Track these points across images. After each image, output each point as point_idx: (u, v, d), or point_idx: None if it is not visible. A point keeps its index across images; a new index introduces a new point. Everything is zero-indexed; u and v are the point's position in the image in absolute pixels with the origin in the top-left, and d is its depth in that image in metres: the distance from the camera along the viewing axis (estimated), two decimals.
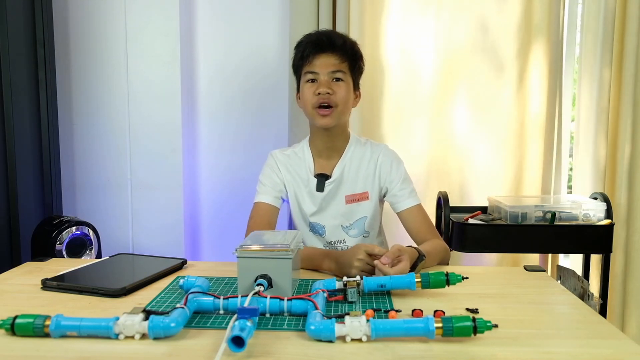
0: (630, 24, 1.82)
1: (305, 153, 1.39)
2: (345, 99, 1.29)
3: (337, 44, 1.30)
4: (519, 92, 1.94)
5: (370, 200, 1.37)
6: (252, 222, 1.33)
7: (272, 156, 1.41)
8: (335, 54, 1.29)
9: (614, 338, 0.77)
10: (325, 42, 1.29)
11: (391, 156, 1.39)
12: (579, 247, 1.72)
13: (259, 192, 1.37)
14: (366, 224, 1.37)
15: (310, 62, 1.30)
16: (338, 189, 1.36)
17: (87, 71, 1.84)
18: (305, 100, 1.31)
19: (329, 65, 1.29)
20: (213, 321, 0.83)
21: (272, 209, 1.35)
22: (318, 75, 1.29)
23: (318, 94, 1.27)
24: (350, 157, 1.37)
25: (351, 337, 0.74)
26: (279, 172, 1.38)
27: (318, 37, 1.31)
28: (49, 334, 0.76)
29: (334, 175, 1.35)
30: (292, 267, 0.91)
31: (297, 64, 1.35)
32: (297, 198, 1.38)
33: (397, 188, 1.35)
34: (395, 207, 1.36)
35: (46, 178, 1.68)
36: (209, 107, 1.99)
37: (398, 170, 1.37)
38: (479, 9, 1.91)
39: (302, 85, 1.33)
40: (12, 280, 1.06)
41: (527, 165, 1.97)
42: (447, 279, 0.91)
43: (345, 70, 1.30)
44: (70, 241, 1.52)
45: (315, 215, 1.37)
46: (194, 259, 1.72)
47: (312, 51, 1.29)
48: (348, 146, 1.38)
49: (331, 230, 1.37)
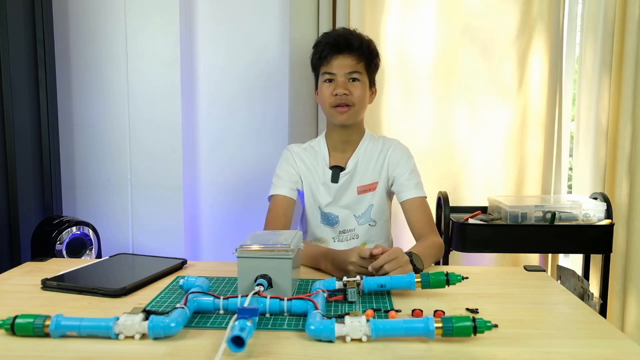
0: (630, 24, 1.82)
1: (321, 146, 1.45)
2: (361, 98, 1.36)
3: (354, 46, 1.35)
4: (519, 92, 1.94)
5: (378, 189, 1.41)
6: (270, 215, 1.38)
7: (288, 150, 1.48)
8: (352, 55, 1.35)
9: (614, 338, 0.77)
10: (343, 44, 1.35)
11: (402, 149, 1.45)
12: (579, 247, 1.72)
13: (275, 185, 1.42)
14: (372, 212, 1.41)
15: (328, 63, 1.36)
16: (351, 180, 1.41)
17: (87, 71, 1.84)
18: (323, 99, 1.38)
19: (346, 66, 1.35)
20: (213, 321, 0.83)
21: (289, 200, 1.39)
22: (335, 76, 1.35)
23: (335, 94, 1.33)
24: (364, 151, 1.43)
25: (351, 337, 0.74)
26: (295, 165, 1.44)
27: (336, 38, 1.37)
28: (49, 334, 0.76)
29: (348, 167, 1.41)
30: (292, 267, 0.91)
31: (316, 63, 1.41)
32: (311, 189, 1.43)
33: (404, 178, 1.40)
34: (400, 196, 1.40)
35: (46, 178, 1.68)
36: (209, 107, 1.99)
37: (407, 162, 1.42)
38: (479, 9, 1.91)
39: (320, 84, 1.39)
40: (12, 280, 1.06)
41: (527, 165, 1.97)
42: (447, 279, 0.91)
43: (361, 70, 1.37)
44: (70, 241, 1.52)
45: (329, 206, 1.42)
46: (194, 259, 1.72)
47: (330, 52, 1.35)
48: (362, 140, 1.44)
49: (344, 220, 1.42)
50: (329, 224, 1.42)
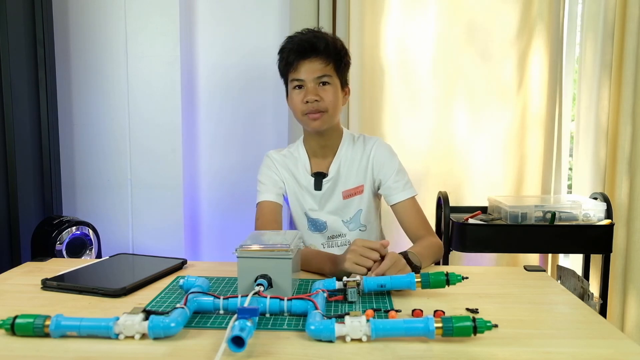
0: (630, 24, 1.82)
1: (300, 153, 1.39)
2: (333, 102, 1.29)
3: (320, 48, 1.27)
4: (519, 92, 1.94)
5: (365, 193, 1.37)
6: (259, 222, 1.33)
7: (268, 157, 1.42)
8: (319, 58, 1.27)
9: (614, 338, 0.77)
10: (308, 48, 1.27)
11: (384, 149, 1.38)
12: (579, 247, 1.72)
13: (260, 191, 1.37)
14: (362, 217, 1.38)
15: (295, 69, 1.28)
16: (335, 186, 1.37)
17: (87, 71, 1.84)
18: (294, 107, 1.31)
19: (315, 70, 1.27)
20: (213, 321, 0.83)
21: (276, 206, 1.35)
22: (304, 82, 1.28)
23: (306, 102, 1.27)
24: (345, 154, 1.37)
25: (351, 337, 0.74)
26: (277, 171, 1.39)
27: (299, 43, 1.28)
28: (49, 334, 0.76)
29: (331, 173, 1.37)
30: (292, 267, 0.91)
31: (283, 70, 1.34)
32: (296, 196, 1.39)
33: (391, 180, 1.35)
34: (389, 199, 1.35)
35: (46, 178, 1.68)
36: (209, 107, 1.99)
37: (392, 162, 1.37)
38: (479, 9, 1.91)
39: (290, 91, 1.32)
40: (12, 280, 1.06)
41: (527, 165, 1.97)
42: (447, 279, 0.91)
43: (331, 73, 1.29)
44: (70, 241, 1.52)
45: (315, 212, 1.38)
46: (194, 259, 1.72)
47: (296, 58, 1.28)
48: (341, 144, 1.38)
49: (332, 225, 1.38)
50: (318, 230, 1.39)
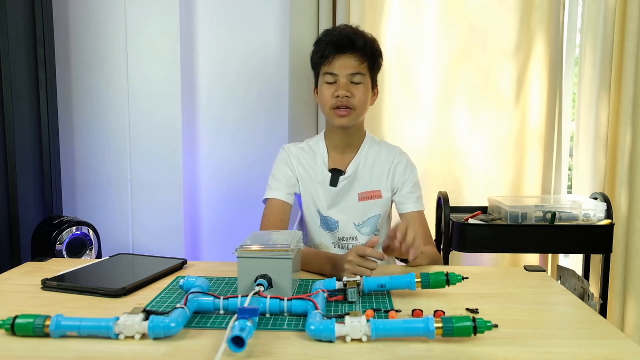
0: (630, 24, 1.82)
1: (320, 147, 1.39)
2: (363, 101, 1.30)
3: (358, 45, 1.29)
4: (519, 92, 1.94)
5: (383, 199, 1.38)
6: (266, 219, 1.33)
7: (285, 150, 1.41)
8: (356, 54, 1.29)
9: (614, 338, 0.77)
10: (346, 43, 1.28)
11: (408, 161, 1.42)
12: (579, 247, 1.72)
13: (271, 187, 1.37)
14: (379, 222, 1.38)
15: (330, 63, 1.29)
16: (351, 186, 1.37)
17: (87, 71, 1.84)
18: (323, 100, 1.32)
19: (349, 67, 1.28)
20: (213, 321, 0.83)
21: (285, 205, 1.35)
22: (337, 77, 1.29)
23: (337, 96, 1.28)
24: (366, 155, 1.38)
25: (351, 337, 0.74)
26: (292, 166, 1.38)
27: (339, 36, 1.29)
28: (49, 334, 0.76)
29: (349, 172, 1.36)
30: (292, 267, 0.91)
31: (316, 62, 1.34)
32: (310, 191, 1.38)
33: (406, 190, 1.37)
34: (400, 207, 1.38)
35: (46, 178, 1.68)
36: (209, 107, 1.99)
37: (412, 174, 1.40)
38: (478, 9, 1.91)
39: (321, 84, 1.33)
40: (12, 280, 1.06)
41: (527, 165, 1.97)
42: (447, 279, 0.91)
43: (364, 71, 1.30)
44: (70, 241, 1.52)
45: (328, 210, 1.37)
46: (194, 259, 1.72)
47: (332, 51, 1.28)
48: (363, 144, 1.39)
49: (344, 226, 1.37)
50: (329, 229, 1.38)
